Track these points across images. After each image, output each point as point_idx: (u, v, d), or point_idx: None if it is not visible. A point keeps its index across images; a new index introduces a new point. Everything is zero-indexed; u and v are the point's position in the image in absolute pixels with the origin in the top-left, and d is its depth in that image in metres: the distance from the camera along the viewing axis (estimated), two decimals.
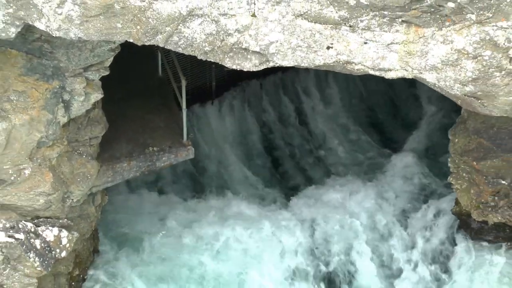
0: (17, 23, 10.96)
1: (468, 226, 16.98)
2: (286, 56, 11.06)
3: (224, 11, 10.69)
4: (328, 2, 10.56)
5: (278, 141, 20.29)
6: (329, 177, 19.43)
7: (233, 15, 10.73)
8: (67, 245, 14.05)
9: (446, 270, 16.76)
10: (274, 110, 20.47)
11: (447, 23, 10.68)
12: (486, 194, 15.96)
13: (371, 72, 11.18)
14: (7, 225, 13.61)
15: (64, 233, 14.04)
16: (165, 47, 11.16)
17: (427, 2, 10.42)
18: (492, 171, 15.80)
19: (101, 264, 16.74)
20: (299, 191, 18.93)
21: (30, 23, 10.94)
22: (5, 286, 13.57)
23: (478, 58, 10.85)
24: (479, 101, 11.48)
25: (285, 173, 19.84)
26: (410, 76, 11.22)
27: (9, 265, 13.51)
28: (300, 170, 19.87)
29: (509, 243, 16.60)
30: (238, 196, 18.59)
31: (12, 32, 11.04)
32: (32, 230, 13.76)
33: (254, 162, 19.72)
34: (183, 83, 15.24)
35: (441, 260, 16.96)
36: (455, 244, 17.02)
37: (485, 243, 16.65)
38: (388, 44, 10.90)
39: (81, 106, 13.29)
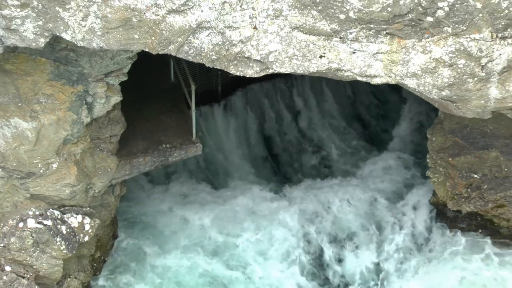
0: (46, 34, 10.99)
1: (444, 215, 17.02)
2: (283, 64, 11.08)
3: (229, 24, 10.71)
4: (321, 16, 10.60)
5: (275, 138, 20.26)
6: (320, 170, 19.50)
7: (237, 27, 10.76)
8: (90, 230, 14.15)
9: (422, 251, 16.84)
10: (272, 111, 20.44)
11: (426, 35, 10.71)
12: (460, 186, 16.00)
13: (359, 78, 11.20)
14: (37, 213, 13.69)
15: (87, 220, 14.12)
16: (177, 55, 11.15)
17: (408, 16, 10.45)
18: (465, 166, 15.85)
19: (120, 247, 16.83)
20: (292, 180, 19.00)
21: (58, 34, 10.97)
22: (34, 267, 13.66)
23: (454, 66, 10.89)
24: (454, 104, 11.52)
25: (281, 165, 19.82)
26: (393, 82, 11.24)
27: (38, 248, 13.59)
28: (294, 163, 19.87)
29: (480, 230, 16.66)
30: (239, 186, 18.73)
31: (42, 42, 11.08)
32: (59, 217, 13.84)
33: (254, 156, 19.70)
34: (193, 87, 15.28)
35: (420, 243, 16.97)
36: (431, 231, 17.07)
37: (458, 231, 16.71)
38: (374, 54, 10.92)
39: (103, 107, 13.37)
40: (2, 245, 13.46)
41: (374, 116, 21.25)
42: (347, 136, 20.60)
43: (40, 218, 13.64)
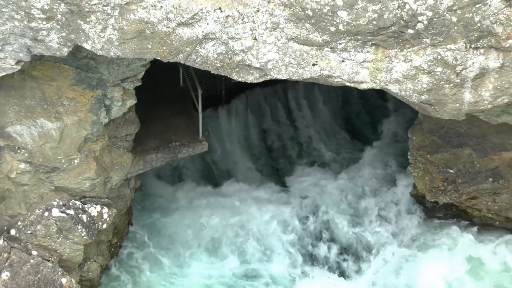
0: (69, 44, 11.01)
1: (423, 205, 17.05)
2: (280, 71, 11.09)
3: (232, 35, 10.73)
4: (314, 29, 10.61)
5: (272, 137, 20.21)
6: (311, 164, 19.53)
7: (239, 38, 10.77)
8: (107, 219, 14.18)
9: (402, 235, 16.86)
10: (270, 113, 20.42)
11: (407, 46, 10.71)
12: (438, 180, 16.03)
13: (347, 84, 11.20)
14: (60, 203, 13.71)
15: (105, 209, 14.15)
16: (185, 63, 11.16)
17: (391, 29, 10.46)
18: (442, 162, 15.89)
19: (135, 234, 16.87)
20: (287, 173, 19.00)
21: (79, 44, 10.99)
22: (58, 251, 13.66)
23: (432, 73, 10.91)
24: (432, 107, 11.53)
25: (277, 160, 19.79)
26: (378, 87, 11.25)
27: (61, 235, 13.60)
28: (288, 158, 19.84)
29: (455, 219, 16.69)
30: (240, 178, 18.76)
31: (65, 51, 11.11)
32: (80, 207, 13.86)
33: (253, 153, 19.66)
34: (199, 92, 15.30)
35: (402, 231, 16.99)
36: (412, 219, 17.10)
37: (435, 219, 16.74)
38: (361, 62, 10.93)
39: (119, 109, 13.39)
40: (29, 232, 13.48)
41: (361, 117, 21.21)
42: (336, 135, 20.54)
43: (63, 208, 13.66)
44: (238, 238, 17.11)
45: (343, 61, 10.91)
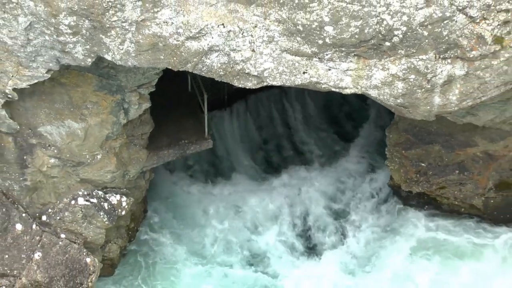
0: (92, 55, 11.03)
1: (399, 194, 17.06)
2: (275, 78, 11.07)
3: (233, 47, 10.73)
4: (304, 42, 10.61)
5: (268, 136, 20.21)
6: (302, 159, 19.52)
7: (239, 50, 10.77)
8: (126, 206, 14.21)
9: (381, 219, 16.88)
10: (266, 115, 20.40)
11: (385, 56, 10.71)
12: (411, 172, 16.07)
13: (333, 89, 11.20)
14: (85, 193, 13.74)
15: (124, 198, 14.18)
16: (193, 71, 11.15)
17: (371, 42, 10.47)
18: (415, 157, 15.92)
19: (149, 220, 16.89)
20: (281, 166, 18.99)
21: (101, 55, 11.00)
22: (83, 235, 13.74)
23: (406, 80, 10.91)
24: (407, 109, 11.52)
25: (272, 156, 19.80)
26: (359, 92, 11.24)
27: (86, 220, 13.66)
28: (282, 153, 19.80)
29: (426, 206, 16.70)
30: (240, 170, 18.78)
31: (89, 61, 11.13)
32: (102, 196, 13.89)
33: (251, 148, 19.62)
34: (205, 96, 15.28)
35: (381, 215, 17.00)
36: (388, 204, 17.13)
37: (409, 207, 16.77)
38: (345, 70, 10.92)
39: (136, 112, 13.40)
40: (58, 218, 13.52)
41: (345, 118, 21.16)
42: (324, 133, 20.50)
43: (87, 197, 13.70)
44: (239, 219, 17.31)
45: (329, 69, 10.91)
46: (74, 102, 12.60)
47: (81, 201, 13.59)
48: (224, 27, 10.51)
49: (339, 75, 10.97)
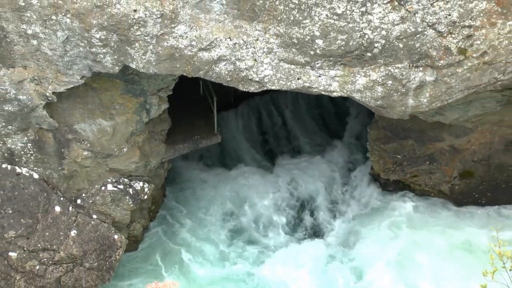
0: (119, 64, 11.06)
1: (378, 181, 17.07)
2: (274, 84, 11.10)
3: (238, 57, 10.76)
4: (298, 53, 10.64)
5: (268, 132, 20.20)
6: (295, 150, 19.48)
7: (244, 59, 10.81)
8: (148, 192, 14.22)
9: (363, 203, 16.89)
10: (267, 115, 20.40)
11: (367, 65, 10.75)
12: (389, 163, 16.08)
13: (323, 93, 11.24)
14: (113, 180, 13.74)
15: (146, 185, 14.20)
16: (204, 78, 11.20)
17: (355, 52, 10.50)
18: (392, 150, 15.92)
19: (168, 203, 16.96)
20: (279, 158, 18.98)
21: (127, 64, 11.04)
22: (111, 215, 13.75)
23: (384, 85, 10.94)
24: (385, 109, 11.57)
25: (271, 149, 19.77)
26: (345, 95, 11.28)
27: (114, 203, 13.66)
28: (279, 146, 19.74)
29: (401, 191, 16.68)
30: (244, 160, 18.77)
31: (116, 69, 11.17)
32: (128, 183, 13.91)
33: (253, 142, 19.59)
34: (215, 99, 15.28)
35: (363, 198, 17.02)
36: (369, 190, 17.14)
37: (387, 192, 16.79)
38: (333, 77, 10.95)
39: (156, 112, 13.41)
40: (90, 201, 13.51)
41: (332, 117, 21.15)
42: (314, 129, 20.47)
43: (115, 184, 13.71)
44: (242, 198, 17.31)
45: (319, 76, 10.94)
46: (104, 103, 12.63)
47: (110, 187, 13.61)
48: (230, 40, 10.55)
49: (328, 81, 10.99)
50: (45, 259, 12.87)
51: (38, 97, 11.72)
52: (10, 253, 12.65)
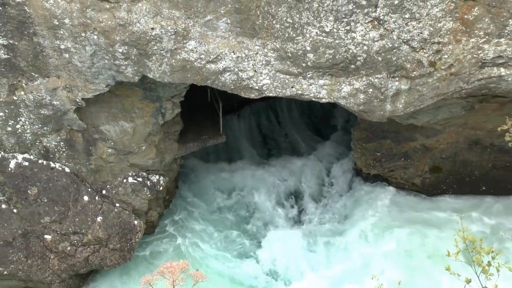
0: (139, 74, 11.08)
1: (361, 175, 17.04)
2: (271, 91, 11.11)
3: (241, 69, 10.78)
4: (292, 65, 10.64)
5: (267, 133, 20.18)
6: (290, 149, 19.50)
7: (245, 70, 10.82)
8: (163, 184, 14.19)
9: (348, 193, 16.89)
10: (265, 118, 20.32)
11: (351, 75, 10.75)
12: (369, 159, 16.08)
13: (313, 99, 11.26)
14: (133, 174, 13.70)
15: (161, 178, 14.16)
16: (212, 86, 11.21)
17: (341, 65, 10.52)
18: (372, 148, 15.92)
19: (180, 193, 16.97)
20: (275, 155, 19.01)
21: (145, 74, 11.05)
22: (132, 204, 13.75)
23: (366, 92, 10.95)
24: (366, 113, 11.57)
25: (270, 149, 19.74)
26: (332, 101, 11.28)
27: (134, 194, 13.64)
28: (275, 145, 19.67)
29: (380, 183, 16.66)
30: (246, 157, 18.78)
31: (136, 78, 11.18)
32: (146, 176, 13.88)
33: (253, 142, 19.52)
34: (220, 104, 15.23)
35: (347, 189, 17.02)
36: (353, 182, 17.17)
37: (368, 183, 16.82)
38: (322, 85, 10.97)
39: (170, 115, 13.37)
40: (114, 192, 13.50)
41: (321, 120, 21.13)
42: (305, 131, 20.43)
43: (135, 177, 13.70)
44: (243, 190, 17.29)
45: (310, 85, 10.96)
46: (126, 108, 12.64)
47: (130, 179, 13.61)
48: (234, 54, 10.58)
49: (317, 89, 11.02)
50: (75, 241, 12.91)
51: (69, 103, 11.76)
52: (46, 236, 12.70)
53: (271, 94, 11.17)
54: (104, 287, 13.75)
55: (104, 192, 13.49)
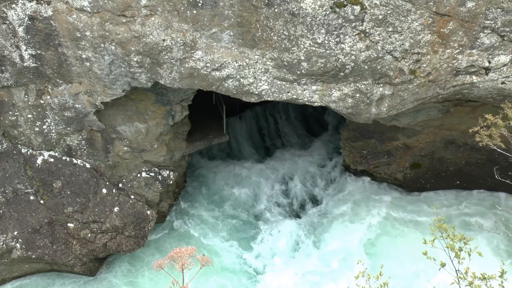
0: (151, 80, 11.07)
1: (349, 170, 17.03)
2: (269, 96, 11.12)
3: (242, 76, 10.77)
4: (288, 72, 10.63)
5: (265, 132, 20.05)
6: (286, 147, 19.52)
7: (246, 77, 10.80)
8: (172, 178, 14.14)
9: (338, 187, 16.89)
10: (264, 120, 20.27)
11: (340, 82, 10.74)
12: (357, 157, 16.10)
13: (307, 103, 11.26)
14: (146, 169, 13.66)
15: (171, 173, 14.12)
16: (216, 91, 11.19)
17: (331, 72, 10.51)
18: (359, 147, 15.94)
19: (187, 186, 16.98)
20: (273, 153, 18.99)
21: (157, 80, 11.04)
22: (145, 196, 13.72)
23: (353, 97, 10.94)
24: (354, 116, 11.55)
25: (268, 147, 19.67)
26: (324, 105, 11.26)
27: (147, 187, 13.61)
28: (273, 143, 19.63)
29: (366, 178, 16.68)
30: (246, 155, 18.73)
31: (149, 84, 11.17)
32: (158, 171, 13.84)
33: (253, 141, 19.48)
34: (224, 107, 15.22)
35: (337, 182, 16.99)
36: (342, 176, 17.17)
37: (356, 178, 16.81)
38: (314, 91, 10.97)
39: (179, 117, 13.35)
40: (129, 185, 13.49)
41: (314, 121, 21.10)
42: (299, 131, 20.42)
43: (148, 172, 13.71)
44: (244, 184, 17.27)
45: (304, 90, 10.97)
46: (140, 110, 12.66)
47: (144, 174, 13.62)
48: (236, 62, 10.59)
49: (311, 94, 11.04)
50: (95, 229, 12.93)
51: (90, 106, 11.78)
52: (69, 224, 12.72)
53: (269, 99, 11.19)
54: (118, 269, 13.77)
55: (120, 185, 13.52)
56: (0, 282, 13.01)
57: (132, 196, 13.49)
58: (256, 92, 11.04)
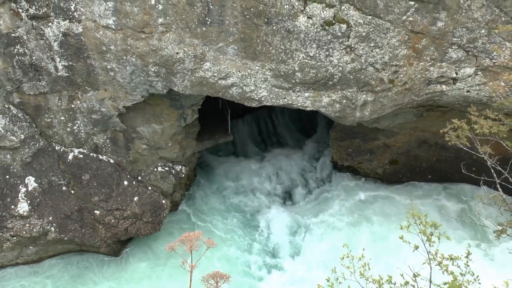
0: (166, 88, 11.05)
1: (336, 167, 16.96)
2: (268, 101, 11.08)
3: (245, 84, 10.74)
4: (285, 81, 10.59)
5: (264, 133, 19.92)
6: (283, 145, 19.51)
7: (248, 85, 10.78)
8: (184, 172, 14.08)
9: (327, 181, 16.84)
10: (263, 122, 20.21)
11: (329, 90, 10.71)
12: (343, 154, 16.04)
13: (300, 107, 11.21)
14: (162, 164, 13.63)
15: (183, 167, 14.08)
16: (222, 97, 11.14)
17: (321, 81, 10.49)
18: (345, 145, 15.89)
19: (197, 179, 16.95)
20: (271, 151, 18.91)
21: (171, 88, 11.02)
22: (161, 187, 13.69)
23: (340, 103, 10.91)
24: (341, 119, 11.51)
25: (267, 146, 19.56)
26: (315, 109, 11.21)
27: (162, 179, 13.58)
28: (271, 143, 19.48)
29: (351, 172, 16.62)
30: (248, 152, 18.65)
31: (165, 91, 11.15)
32: (171, 166, 13.78)
33: (254, 140, 19.36)
34: (229, 111, 15.17)
35: (326, 178, 16.96)
36: (331, 173, 17.14)
37: (342, 172, 16.78)
38: (307, 97, 10.93)
39: (190, 119, 13.30)
40: (147, 178, 13.43)
41: (306, 123, 21.03)
42: (293, 132, 20.31)
43: (163, 167, 13.69)
44: (245, 177, 17.17)
45: (298, 96, 10.95)
46: (156, 113, 12.65)
47: (159, 168, 13.60)
48: (239, 72, 10.59)
49: (304, 100, 11.02)
50: (117, 215, 12.93)
51: (113, 110, 11.79)
52: (95, 211, 12.74)
53: (268, 104, 11.18)
54: (137, 249, 13.80)
55: (139, 178, 13.50)
56: (38, 260, 13.07)
57: (150, 187, 13.48)
58: (257, 98, 11.04)
